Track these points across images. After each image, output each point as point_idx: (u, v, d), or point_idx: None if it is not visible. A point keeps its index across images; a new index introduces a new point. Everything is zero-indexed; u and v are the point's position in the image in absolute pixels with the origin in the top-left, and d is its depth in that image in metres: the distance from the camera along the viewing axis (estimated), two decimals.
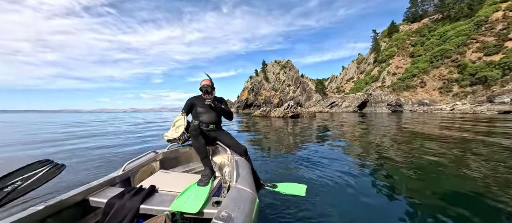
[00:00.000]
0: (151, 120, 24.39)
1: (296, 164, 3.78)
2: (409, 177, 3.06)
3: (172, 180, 1.71)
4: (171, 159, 2.49)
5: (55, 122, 20.49)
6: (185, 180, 1.73)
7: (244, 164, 2.00)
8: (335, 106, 55.02)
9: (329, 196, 2.42)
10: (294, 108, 25.11)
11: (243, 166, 1.91)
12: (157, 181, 1.64)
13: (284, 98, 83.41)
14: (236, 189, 1.39)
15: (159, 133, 9.47)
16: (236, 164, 1.84)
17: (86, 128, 12.52)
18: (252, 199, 1.33)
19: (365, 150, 4.98)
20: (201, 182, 1.64)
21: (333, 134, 8.31)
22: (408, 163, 3.75)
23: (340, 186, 2.68)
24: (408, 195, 2.41)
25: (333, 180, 2.91)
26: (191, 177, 1.81)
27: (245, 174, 1.72)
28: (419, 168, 3.48)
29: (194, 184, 1.63)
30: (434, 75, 50.34)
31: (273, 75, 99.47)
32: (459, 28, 53.18)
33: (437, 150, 4.80)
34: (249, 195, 1.36)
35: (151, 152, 2.23)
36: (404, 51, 65.98)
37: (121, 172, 1.70)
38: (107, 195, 1.33)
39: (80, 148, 5.74)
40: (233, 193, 1.32)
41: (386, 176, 3.09)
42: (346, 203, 2.25)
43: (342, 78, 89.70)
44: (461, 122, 13.21)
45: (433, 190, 2.57)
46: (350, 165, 3.63)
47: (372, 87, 61.52)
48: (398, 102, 45.41)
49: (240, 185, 1.48)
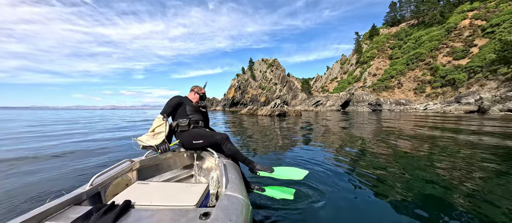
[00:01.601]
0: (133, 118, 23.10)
1: (285, 163, 3.76)
2: (386, 171, 3.18)
3: (151, 192, 1.52)
4: (150, 168, 2.25)
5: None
6: (166, 190, 1.56)
7: (232, 167, 1.87)
8: (320, 105, 56.68)
9: (316, 197, 2.41)
10: (280, 107, 25.37)
11: (232, 170, 1.78)
12: (134, 194, 1.45)
13: (270, 96, 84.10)
14: (226, 197, 1.26)
15: (133, 134, 8.31)
16: (225, 167, 1.70)
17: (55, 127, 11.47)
18: (245, 207, 1.22)
19: (350, 148, 5.13)
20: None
21: (319, 134, 8.49)
22: (385, 159, 3.91)
23: (329, 187, 2.70)
24: (385, 190, 2.49)
25: (321, 180, 2.92)
26: (174, 187, 1.63)
27: (235, 179, 1.59)
28: (395, 161, 3.64)
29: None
30: (410, 77, 53.94)
31: (260, 74, 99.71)
32: (432, 34, 57.44)
33: (411, 145, 5.10)
34: (242, 203, 1.24)
35: (126, 161, 1.99)
36: (383, 53, 69.80)
37: (88, 187, 1.46)
38: (69, 217, 1.11)
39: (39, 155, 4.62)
40: (223, 202, 1.19)
41: (371, 175, 3.18)
42: (334, 205, 2.26)
43: (326, 78, 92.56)
44: (432, 120, 14.29)
45: (405, 183, 2.69)
46: (336, 165, 3.69)
47: (354, 87, 64.32)
48: (378, 102, 47.98)
49: (230, 191, 1.35)
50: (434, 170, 3.35)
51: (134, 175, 2.03)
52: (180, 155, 2.66)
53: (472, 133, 7.55)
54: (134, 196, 1.41)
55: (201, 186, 1.63)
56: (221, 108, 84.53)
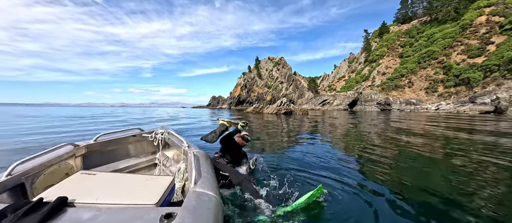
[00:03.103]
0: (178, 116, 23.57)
1: (292, 163, 3.71)
2: (394, 173, 3.07)
3: (99, 185, 1.23)
4: (101, 154, 1.88)
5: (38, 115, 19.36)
6: (120, 183, 1.28)
7: (205, 159, 1.62)
8: (327, 104, 55.89)
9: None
10: (287, 105, 25.19)
11: (204, 162, 1.54)
12: (74, 188, 1.17)
13: (276, 95, 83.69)
14: (195, 195, 1.07)
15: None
16: (195, 159, 1.47)
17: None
18: (217, 206, 1.05)
19: (358, 147, 5.00)
20: None
21: (326, 132, 8.35)
22: (394, 160, 3.78)
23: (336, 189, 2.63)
24: (393, 190, 2.40)
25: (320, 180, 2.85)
26: (130, 179, 1.36)
27: (206, 173, 1.38)
28: (404, 162, 3.51)
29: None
30: (421, 75, 52.21)
31: (266, 72, 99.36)
32: (445, 31, 55.25)
33: (421, 146, 4.91)
34: (213, 201, 1.06)
35: (67, 145, 1.62)
36: (393, 51, 67.84)
37: (5, 177, 1.13)
38: None
39: None
40: (191, 200, 1.01)
41: (378, 179, 3.08)
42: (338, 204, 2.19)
43: (334, 76, 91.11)
44: (445, 120, 13.76)
45: (416, 183, 2.58)
46: (346, 165, 3.60)
47: (363, 86, 62.97)
48: (387, 101, 46.78)
49: (200, 188, 1.15)
50: (450, 174, 3.21)
51: (78, 162, 1.68)
52: (143, 140, 2.32)
53: (490, 133, 7.21)
54: (75, 190, 1.14)
55: (164, 180, 1.43)
56: (227, 107, 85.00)
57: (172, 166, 2.20)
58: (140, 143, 2.31)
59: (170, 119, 16.58)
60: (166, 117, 18.49)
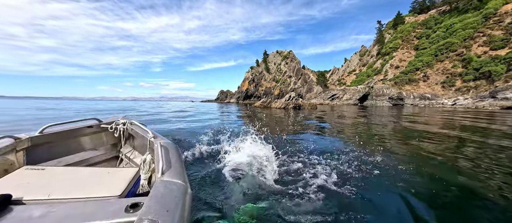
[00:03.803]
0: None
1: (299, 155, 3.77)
2: (408, 174, 3.05)
3: (51, 179, 1.14)
4: (49, 147, 1.71)
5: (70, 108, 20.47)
6: (75, 178, 1.19)
7: (171, 148, 1.56)
8: (336, 99, 54.82)
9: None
10: (295, 99, 25.01)
11: (171, 151, 1.49)
12: (19, 184, 1.06)
13: (285, 89, 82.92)
14: (163, 184, 1.03)
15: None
16: (162, 149, 1.41)
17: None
18: (185, 193, 1.02)
19: (367, 143, 4.97)
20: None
21: (334, 126, 8.29)
22: (405, 158, 3.74)
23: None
24: (405, 192, 2.41)
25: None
26: (87, 173, 1.27)
27: (174, 162, 1.34)
28: (417, 162, 3.47)
29: None
30: (438, 69, 49.72)
31: (274, 66, 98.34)
32: (466, 21, 51.86)
33: (438, 144, 4.80)
34: (181, 189, 1.04)
35: (5, 138, 1.49)
36: (408, 43, 64.77)
37: None
38: None
39: None
40: (158, 190, 0.97)
41: (389, 178, 3.09)
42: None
43: (344, 70, 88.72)
44: (463, 116, 13.17)
45: (426, 184, 2.57)
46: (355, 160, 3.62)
47: (374, 80, 61.00)
48: (400, 96, 45.18)
49: (168, 177, 1.11)
50: (468, 176, 3.15)
51: (20, 157, 1.53)
52: (101, 132, 2.15)
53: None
54: (20, 186, 1.04)
55: (128, 171, 1.37)
56: (235, 101, 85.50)
57: (137, 158, 2.05)
58: (98, 134, 2.11)
59: (195, 111, 17.00)
60: (188, 109, 18.96)
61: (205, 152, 3.73)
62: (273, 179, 2.50)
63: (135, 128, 2.04)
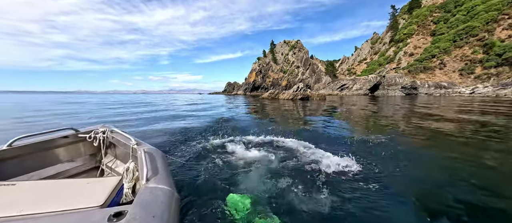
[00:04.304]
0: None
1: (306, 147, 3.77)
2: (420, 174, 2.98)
3: (23, 194, 1.06)
4: (19, 161, 1.59)
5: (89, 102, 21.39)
6: (54, 189, 1.12)
7: (156, 155, 1.52)
8: (346, 89, 53.50)
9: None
10: (303, 90, 24.66)
11: (155, 158, 1.44)
12: None
13: (292, 80, 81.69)
14: (148, 190, 1.00)
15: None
16: (146, 156, 1.36)
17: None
18: (171, 199, 1.00)
19: (377, 135, 4.87)
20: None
21: (343, 117, 8.16)
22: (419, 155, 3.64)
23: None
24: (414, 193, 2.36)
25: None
26: (65, 185, 1.20)
27: (159, 169, 1.29)
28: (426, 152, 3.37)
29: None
30: (456, 55, 46.89)
31: (282, 57, 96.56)
32: (490, 2, 47.90)
33: (455, 131, 4.61)
34: (167, 194, 1.01)
35: None
36: (424, 29, 61.14)
37: None
38: None
39: None
40: (143, 196, 0.94)
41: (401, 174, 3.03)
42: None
43: (354, 59, 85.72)
44: (484, 105, 12.49)
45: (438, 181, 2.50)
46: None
47: (386, 69, 58.65)
48: (413, 85, 43.36)
49: (153, 183, 1.08)
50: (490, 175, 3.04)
51: None
52: (78, 142, 2.04)
53: None
54: None
55: (110, 180, 1.32)
56: (242, 93, 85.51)
57: (119, 167, 1.97)
58: (75, 145, 2.00)
59: (208, 104, 17.26)
60: (198, 102, 19.28)
61: (214, 147, 3.81)
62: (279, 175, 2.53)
63: (116, 135, 1.94)
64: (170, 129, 5.43)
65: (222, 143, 3.94)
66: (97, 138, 2.03)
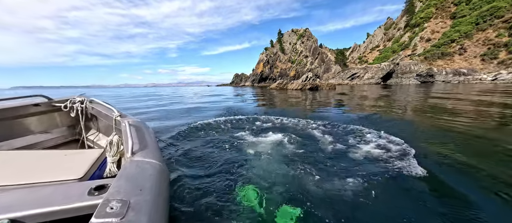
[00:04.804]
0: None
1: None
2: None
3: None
4: None
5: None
6: (26, 160, 1.04)
7: (142, 127, 1.43)
8: (356, 78, 51.87)
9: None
10: (312, 80, 24.20)
11: (141, 130, 1.36)
12: None
13: (301, 70, 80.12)
14: (134, 163, 0.92)
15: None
16: (131, 129, 1.25)
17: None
18: (161, 173, 0.92)
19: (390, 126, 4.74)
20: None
21: (354, 107, 7.97)
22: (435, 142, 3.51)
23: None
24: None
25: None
26: (38, 156, 1.11)
27: (145, 141, 1.21)
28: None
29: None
30: (478, 39, 43.70)
31: (290, 46, 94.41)
32: None
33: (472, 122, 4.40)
34: (156, 168, 0.93)
35: None
36: (443, 12, 57.10)
37: None
38: None
39: None
40: (129, 169, 0.86)
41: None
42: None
43: (365, 47, 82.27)
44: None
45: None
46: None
47: (400, 56, 55.93)
48: (430, 73, 41.23)
49: (140, 157, 1.00)
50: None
51: None
52: (53, 111, 1.87)
53: None
54: None
55: (91, 152, 1.23)
56: (250, 84, 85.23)
57: (102, 141, 1.84)
58: (49, 115, 1.83)
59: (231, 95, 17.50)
60: (211, 94, 19.54)
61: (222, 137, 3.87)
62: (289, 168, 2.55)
63: (96, 106, 1.78)
64: (193, 120, 5.56)
65: (237, 133, 4.00)
66: (74, 108, 1.83)
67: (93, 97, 1.91)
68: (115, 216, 0.57)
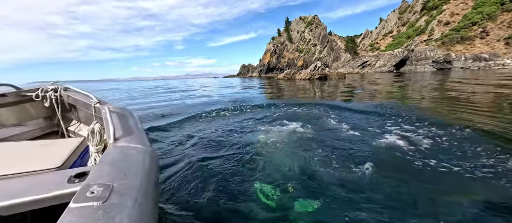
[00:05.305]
0: None
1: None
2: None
3: None
4: None
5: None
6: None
7: (125, 113, 1.38)
8: (367, 67, 50.04)
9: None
10: (321, 69, 23.62)
11: (124, 117, 1.31)
12: None
13: (309, 60, 78.25)
14: (118, 149, 0.88)
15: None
16: (113, 115, 1.20)
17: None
18: (148, 157, 0.88)
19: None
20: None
21: (365, 96, 7.74)
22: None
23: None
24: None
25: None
26: (14, 146, 1.10)
27: (129, 127, 1.16)
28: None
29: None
30: (503, 21, 40.39)
31: (297, 35, 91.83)
32: None
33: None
34: (142, 153, 0.89)
35: None
36: None
37: None
38: None
39: None
40: (112, 155, 0.82)
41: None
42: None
43: (378, 33, 78.51)
44: None
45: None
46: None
47: (416, 41, 53.02)
48: (447, 59, 38.98)
49: (123, 142, 0.95)
50: None
51: None
52: (24, 102, 1.77)
53: None
54: None
55: (70, 142, 1.19)
56: (257, 75, 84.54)
57: (83, 131, 1.74)
58: (20, 106, 1.71)
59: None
60: (219, 85, 19.67)
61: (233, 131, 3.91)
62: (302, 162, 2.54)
63: (73, 94, 1.67)
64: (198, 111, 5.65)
65: (249, 122, 4.04)
66: (47, 97, 1.71)
67: (68, 85, 1.80)
68: (96, 200, 0.53)
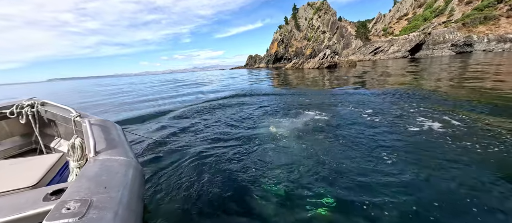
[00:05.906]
0: None
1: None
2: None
3: None
4: None
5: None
6: None
7: (108, 125, 1.33)
8: (380, 53, 47.84)
9: None
10: (331, 57, 22.90)
11: (107, 129, 1.25)
12: None
13: (317, 48, 75.92)
14: (98, 162, 0.85)
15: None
16: (94, 128, 1.15)
17: None
18: (131, 169, 0.85)
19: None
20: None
21: (375, 83, 7.44)
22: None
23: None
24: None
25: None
26: None
27: (111, 138, 1.12)
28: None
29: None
30: None
31: (305, 22, 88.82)
32: None
33: None
34: (124, 165, 0.86)
35: None
36: None
37: None
38: None
39: None
40: (92, 168, 0.79)
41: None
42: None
43: (392, 16, 74.13)
44: None
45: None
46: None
47: (433, 24, 49.64)
48: (468, 41, 36.31)
49: (104, 155, 0.92)
50: None
51: None
52: (2, 121, 1.67)
53: None
54: None
55: (47, 158, 1.14)
56: (265, 65, 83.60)
57: (63, 146, 1.67)
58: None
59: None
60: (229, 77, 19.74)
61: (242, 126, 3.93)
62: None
63: (51, 109, 1.58)
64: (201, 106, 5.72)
65: (259, 113, 4.05)
66: (23, 113, 1.64)
67: (45, 100, 1.70)
68: (72, 216, 0.51)
